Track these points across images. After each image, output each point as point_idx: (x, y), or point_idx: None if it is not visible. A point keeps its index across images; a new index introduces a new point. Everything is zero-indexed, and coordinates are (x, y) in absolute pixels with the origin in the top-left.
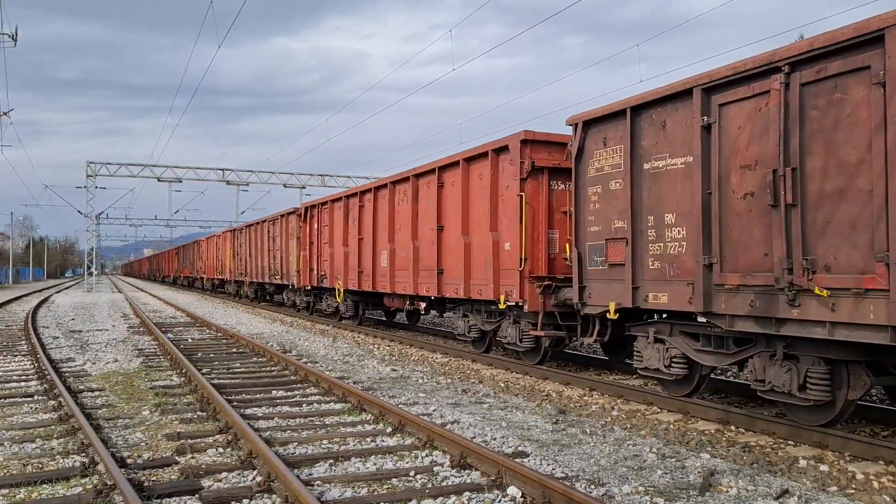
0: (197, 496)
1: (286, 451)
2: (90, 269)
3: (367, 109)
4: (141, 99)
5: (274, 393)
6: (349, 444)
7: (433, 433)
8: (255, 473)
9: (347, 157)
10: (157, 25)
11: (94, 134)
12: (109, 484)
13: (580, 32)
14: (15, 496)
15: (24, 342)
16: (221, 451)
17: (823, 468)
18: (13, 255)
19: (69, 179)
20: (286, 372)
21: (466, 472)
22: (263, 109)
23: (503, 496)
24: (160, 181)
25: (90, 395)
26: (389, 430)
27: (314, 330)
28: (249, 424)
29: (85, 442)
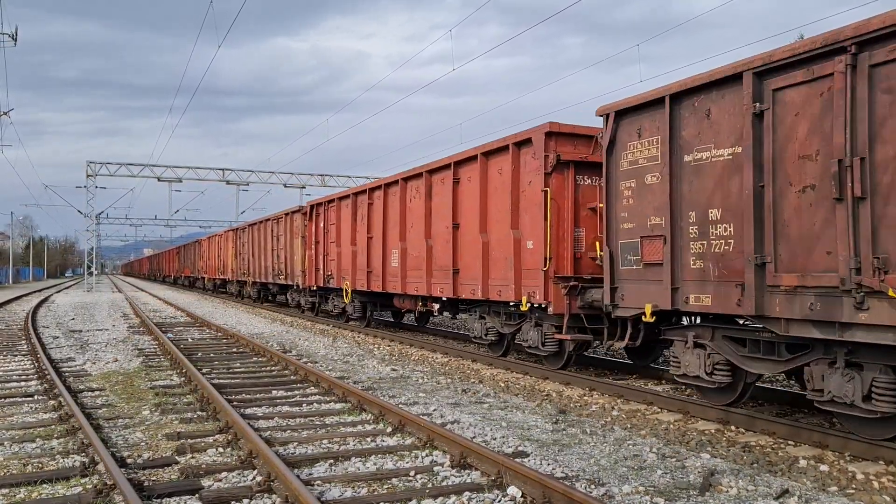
0: (197, 496)
1: (286, 450)
2: (90, 268)
3: (367, 109)
4: (141, 99)
5: (274, 393)
6: (349, 443)
7: (433, 433)
8: (255, 473)
9: (347, 157)
10: (156, 25)
11: (94, 134)
12: (109, 484)
13: (580, 32)
14: (15, 496)
15: (24, 342)
16: (221, 450)
17: (823, 468)
18: (13, 254)
19: (69, 179)
20: (286, 372)
21: (466, 471)
22: (263, 109)
23: (503, 496)
24: (160, 181)
25: (90, 394)
26: (389, 429)
27: (314, 330)
28: (249, 424)
29: (85, 442)
